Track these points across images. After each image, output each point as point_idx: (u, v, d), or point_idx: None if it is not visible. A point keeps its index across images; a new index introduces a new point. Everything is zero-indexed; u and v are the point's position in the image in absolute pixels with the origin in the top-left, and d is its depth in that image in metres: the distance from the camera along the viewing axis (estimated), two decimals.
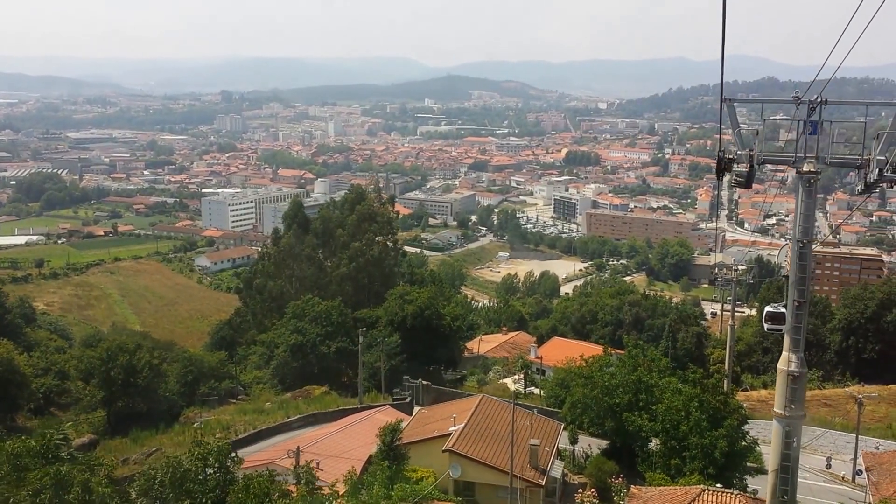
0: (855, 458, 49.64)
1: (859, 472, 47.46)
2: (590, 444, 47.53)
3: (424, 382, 57.57)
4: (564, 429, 46.71)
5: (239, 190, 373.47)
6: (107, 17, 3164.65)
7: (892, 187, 16.51)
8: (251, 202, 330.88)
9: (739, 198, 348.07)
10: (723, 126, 16.70)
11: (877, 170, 15.43)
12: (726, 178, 16.96)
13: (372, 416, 48.09)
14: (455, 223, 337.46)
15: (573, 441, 47.19)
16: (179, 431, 58.17)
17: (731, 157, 15.91)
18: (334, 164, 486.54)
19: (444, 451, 37.57)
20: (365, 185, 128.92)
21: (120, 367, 59.56)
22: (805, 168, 15.86)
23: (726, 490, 31.82)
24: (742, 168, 15.90)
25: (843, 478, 49.99)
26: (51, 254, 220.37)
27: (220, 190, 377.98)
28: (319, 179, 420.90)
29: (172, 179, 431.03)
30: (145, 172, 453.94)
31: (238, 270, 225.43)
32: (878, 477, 41.69)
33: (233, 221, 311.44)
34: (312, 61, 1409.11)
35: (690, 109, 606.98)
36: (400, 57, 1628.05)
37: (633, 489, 33.97)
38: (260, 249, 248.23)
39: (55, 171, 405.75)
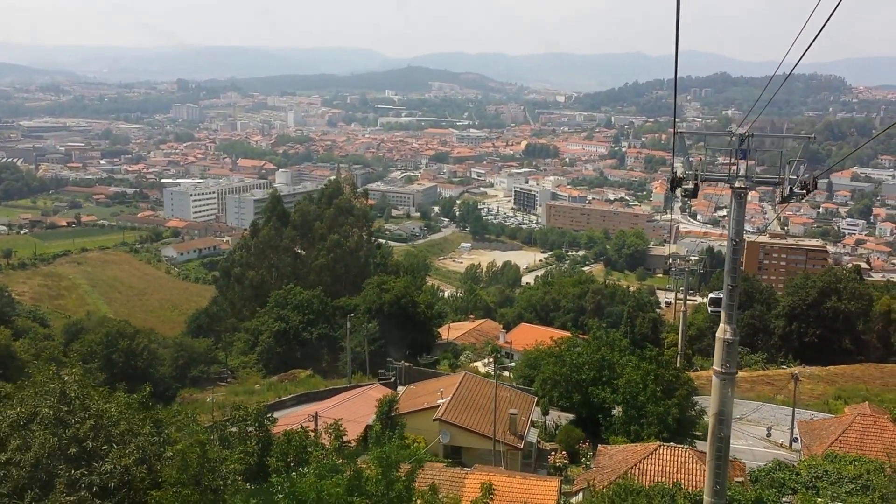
0: (792, 428, 55.84)
1: (795, 440, 53.63)
2: (559, 416, 53.18)
3: (406, 364, 62.64)
4: (536, 404, 52.14)
5: (201, 180, 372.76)
6: (57, 2, 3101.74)
7: (800, 200, 21.80)
8: (213, 193, 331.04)
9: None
10: (674, 154, 21.77)
11: (789, 188, 20.69)
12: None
13: (364, 392, 53.19)
14: (418, 214, 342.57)
15: (545, 413, 52.76)
16: (178, 412, 62.20)
17: (680, 176, 21.01)
18: (295, 154, 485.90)
19: (434, 420, 42.75)
20: (341, 178, 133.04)
21: (121, 350, 63.55)
22: (736, 185, 21.05)
23: (678, 445, 37.58)
24: (689, 185, 21.01)
25: (781, 444, 56.13)
26: (14, 244, 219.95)
27: (180, 180, 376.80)
28: (281, 170, 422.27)
29: (130, 169, 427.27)
30: (102, 162, 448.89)
31: (205, 261, 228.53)
32: (810, 440, 47.92)
33: (195, 212, 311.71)
34: (270, 51, 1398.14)
35: (646, 104, 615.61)
36: (359, 47, 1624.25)
37: (601, 447, 39.65)
38: (227, 240, 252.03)
39: (10, 160, 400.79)
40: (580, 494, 35.78)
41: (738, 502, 21.43)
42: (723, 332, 21.77)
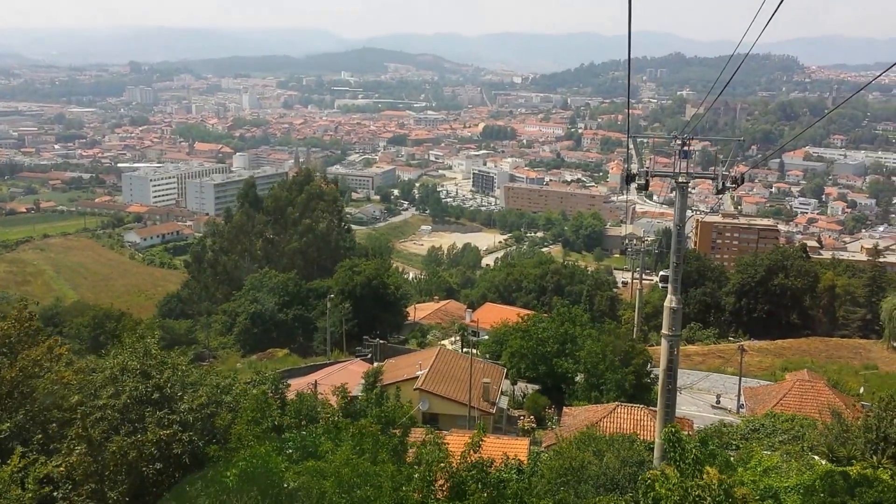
0: (739, 395, 60.93)
1: (742, 406, 58.73)
2: (526, 386, 57.59)
3: (381, 342, 66.70)
4: (505, 376, 56.51)
5: (159, 165, 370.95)
6: None
7: (732, 190, 26.19)
8: (173, 177, 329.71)
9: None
10: (628, 155, 25.91)
11: (721, 182, 24.98)
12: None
13: (346, 366, 57.11)
14: (377, 197, 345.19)
15: (513, 383, 57.22)
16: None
17: (634, 173, 25.17)
18: (252, 137, 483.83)
19: (415, 390, 46.79)
20: (311, 165, 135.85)
21: (108, 333, 66.31)
22: (680, 180, 25.27)
23: (635, 405, 42.17)
24: (641, 181, 25.18)
25: (729, 410, 61.23)
26: None
27: (137, 164, 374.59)
28: (238, 154, 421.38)
29: (85, 154, 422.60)
30: (56, 147, 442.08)
31: (168, 246, 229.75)
32: (754, 404, 52.99)
33: (154, 197, 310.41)
34: (223, 32, 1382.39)
35: (601, 84, 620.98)
36: (314, 28, 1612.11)
37: (565, 409, 44.12)
38: (189, 225, 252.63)
39: None
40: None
41: None
42: (669, 301, 26.15)
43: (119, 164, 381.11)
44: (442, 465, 21.74)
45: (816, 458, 31.93)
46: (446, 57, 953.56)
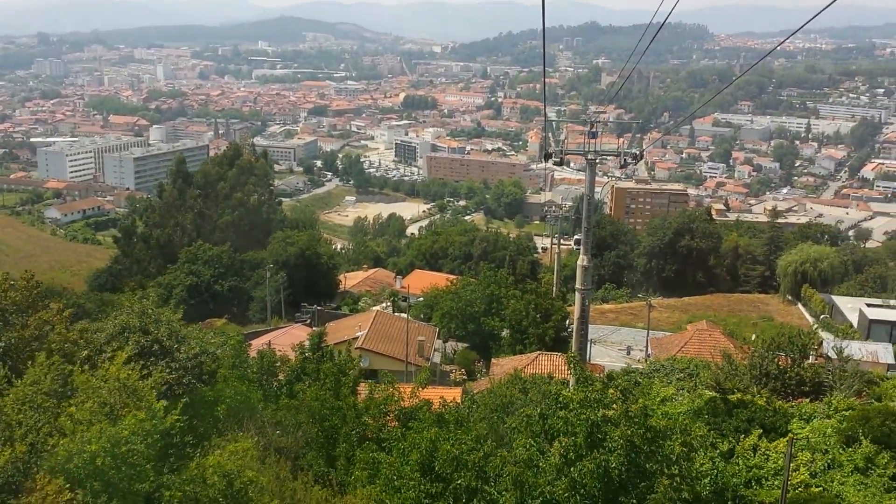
0: (646, 346, 66.97)
1: (649, 355, 64.77)
2: (457, 345, 62.44)
3: (319, 308, 70.51)
4: (437, 336, 61.14)
5: (75, 139, 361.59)
6: None
7: (634, 164, 31.02)
8: (90, 152, 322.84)
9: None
10: (545, 131, 30.39)
11: (624, 158, 29.70)
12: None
13: (289, 331, 60.68)
14: (300, 169, 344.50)
15: (444, 342, 61.95)
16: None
17: (550, 151, 29.65)
18: (168, 109, 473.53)
19: (356, 349, 50.89)
20: (241, 138, 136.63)
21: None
22: (588, 157, 29.87)
23: (555, 353, 47.34)
24: (557, 159, 29.71)
25: (638, 361, 67.23)
26: None
27: (50, 139, 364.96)
28: (154, 126, 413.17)
29: None
30: None
31: (90, 221, 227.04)
32: (659, 352, 58.90)
33: (71, 172, 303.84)
34: (135, 0, 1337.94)
35: (520, 53, 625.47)
36: None
37: (494, 360, 49.11)
38: (110, 199, 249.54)
39: None
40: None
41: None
42: (581, 260, 30.91)
43: (32, 139, 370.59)
44: (395, 399, 26.27)
45: (707, 391, 37.55)
46: (366, 26, 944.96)
